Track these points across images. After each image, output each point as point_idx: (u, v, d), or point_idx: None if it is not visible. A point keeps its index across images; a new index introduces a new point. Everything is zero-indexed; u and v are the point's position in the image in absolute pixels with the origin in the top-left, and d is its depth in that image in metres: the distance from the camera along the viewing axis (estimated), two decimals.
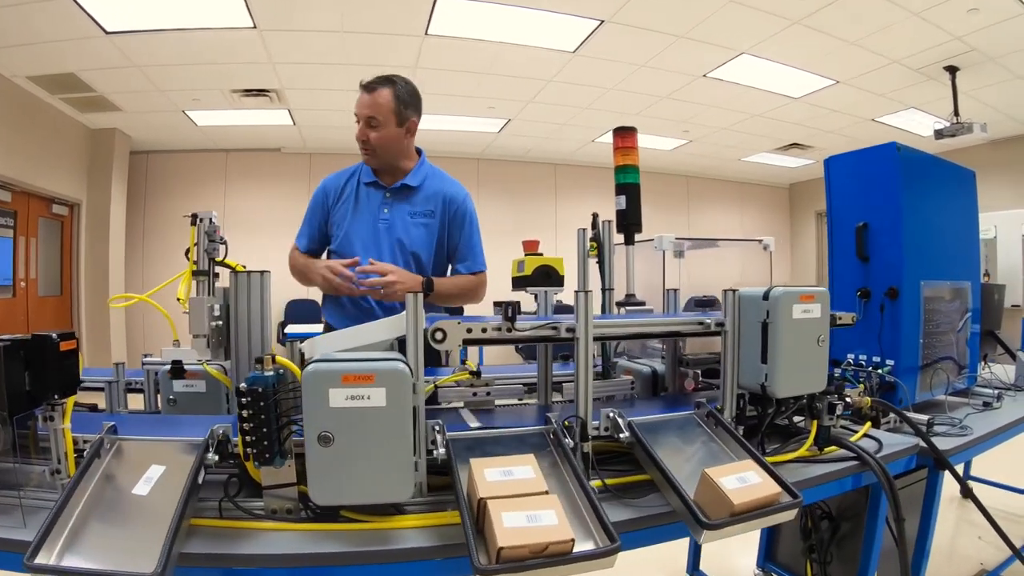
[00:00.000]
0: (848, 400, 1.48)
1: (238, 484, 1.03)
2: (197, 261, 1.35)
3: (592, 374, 1.16)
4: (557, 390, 1.56)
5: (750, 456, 1.13)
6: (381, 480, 0.94)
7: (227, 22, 4.16)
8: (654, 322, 1.39)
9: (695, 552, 2.42)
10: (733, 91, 5.70)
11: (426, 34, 4.45)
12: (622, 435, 1.16)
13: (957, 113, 5.25)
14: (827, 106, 6.07)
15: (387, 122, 1.83)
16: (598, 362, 1.78)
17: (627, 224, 1.82)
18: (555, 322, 1.15)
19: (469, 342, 1.08)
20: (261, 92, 5.56)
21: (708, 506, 1.00)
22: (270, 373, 0.98)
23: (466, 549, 0.84)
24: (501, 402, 1.44)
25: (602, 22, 4.31)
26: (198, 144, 7.22)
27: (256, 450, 0.94)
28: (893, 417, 1.64)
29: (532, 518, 0.85)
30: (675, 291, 1.75)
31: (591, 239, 1.72)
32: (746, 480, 1.02)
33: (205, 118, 6.28)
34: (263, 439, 0.94)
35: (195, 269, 1.34)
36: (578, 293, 1.14)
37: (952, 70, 5.02)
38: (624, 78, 5.39)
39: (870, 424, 1.57)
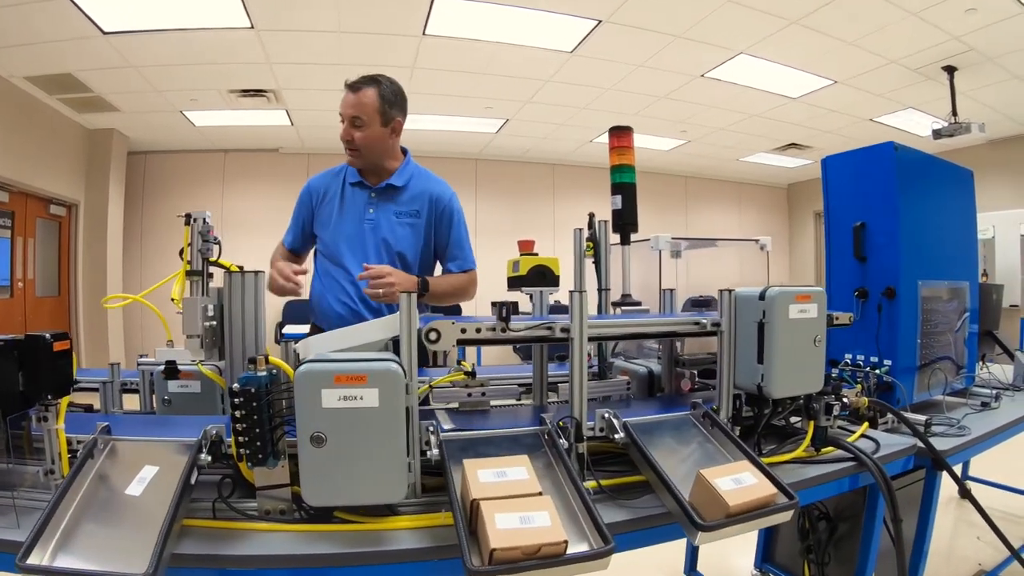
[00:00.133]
0: (845, 400, 1.48)
1: (232, 485, 1.03)
2: (191, 261, 1.34)
3: (587, 374, 1.16)
4: (553, 390, 1.56)
5: (746, 457, 1.13)
6: (374, 481, 0.94)
7: (224, 22, 4.16)
8: (649, 322, 1.38)
9: (692, 553, 2.41)
10: (731, 91, 5.70)
11: (423, 34, 4.45)
12: (617, 436, 1.15)
13: (955, 113, 5.25)
14: (825, 106, 6.07)
15: (372, 122, 1.83)
16: (594, 362, 1.78)
17: (623, 224, 1.82)
18: (550, 322, 1.14)
19: (463, 342, 1.08)
20: (259, 92, 5.56)
21: (703, 507, 1.00)
22: (263, 373, 0.97)
23: (459, 551, 0.84)
24: (497, 403, 1.44)
25: (600, 22, 4.31)
26: (196, 144, 7.21)
27: (249, 451, 0.94)
28: (891, 417, 1.64)
29: (525, 519, 0.85)
30: (671, 291, 1.75)
31: (587, 239, 1.72)
32: (742, 481, 1.02)
33: (203, 118, 6.28)
34: (256, 440, 0.94)
35: (189, 269, 1.34)
36: (573, 293, 1.14)
37: (950, 70, 5.02)
38: (622, 78, 5.39)
39: (867, 424, 1.57)
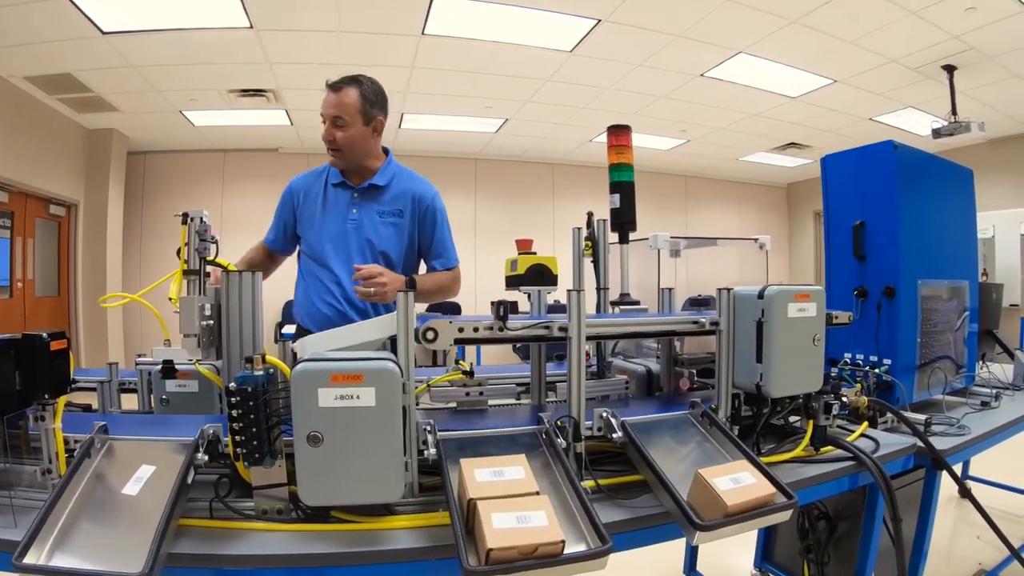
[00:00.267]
0: (845, 400, 1.48)
1: (229, 484, 1.03)
2: (188, 260, 1.34)
3: (585, 374, 1.16)
4: (552, 390, 1.56)
5: (745, 456, 1.12)
6: (371, 480, 0.94)
7: (224, 22, 4.15)
8: (648, 321, 1.38)
9: (691, 553, 2.41)
10: (731, 90, 5.69)
11: (423, 34, 4.44)
12: (615, 435, 1.15)
13: (955, 112, 5.24)
14: (825, 105, 6.06)
15: (353, 121, 1.85)
16: (592, 362, 1.78)
17: (621, 223, 1.82)
18: (548, 321, 1.14)
19: (460, 341, 1.08)
20: (258, 92, 5.55)
21: (701, 507, 0.99)
22: (260, 373, 0.97)
23: (456, 550, 0.83)
24: (495, 402, 1.44)
25: (599, 21, 4.30)
26: (195, 144, 7.20)
27: (246, 450, 0.94)
28: (890, 417, 1.64)
29: (522, 519, 0.85)
30: (670, 290, 1.74)
31: (586, 238, 1.72)
32: (740, 481, 1.02)
33: (202, 118, 6.27)
34: (253, 439, 0.93)
35: (186, 268, 1.34)
36: (571, 292, 1.14)
37: (950, 69, 5.01)
38: (621, 77, 5.39)
39: (867, 424, 1.57)
